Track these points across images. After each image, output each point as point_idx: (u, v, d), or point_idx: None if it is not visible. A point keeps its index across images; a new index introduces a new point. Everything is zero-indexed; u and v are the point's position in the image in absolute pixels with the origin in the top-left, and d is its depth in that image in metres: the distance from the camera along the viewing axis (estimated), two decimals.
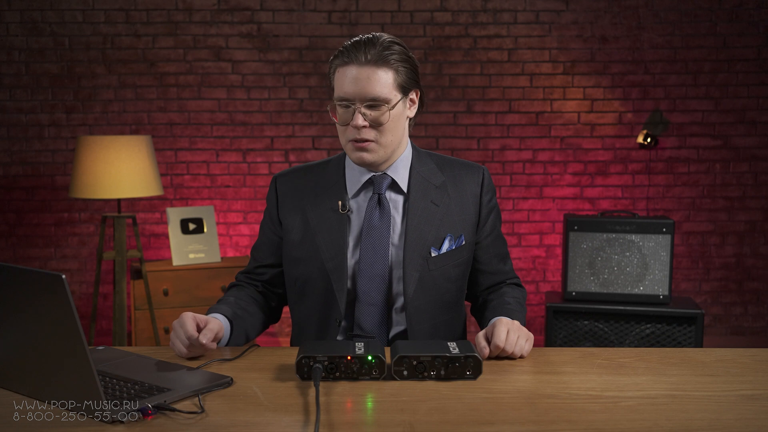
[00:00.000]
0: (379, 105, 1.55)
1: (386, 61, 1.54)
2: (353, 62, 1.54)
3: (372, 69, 1.53)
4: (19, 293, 1.16)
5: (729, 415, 1.17)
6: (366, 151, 1.59)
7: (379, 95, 1.54)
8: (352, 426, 1.13)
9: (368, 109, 1.55)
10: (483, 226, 1.72)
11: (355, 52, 1.54)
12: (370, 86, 1.53)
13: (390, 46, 1.56)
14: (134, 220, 3.41)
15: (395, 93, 1.57)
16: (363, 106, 1.55)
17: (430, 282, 1.64)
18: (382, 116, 1.56)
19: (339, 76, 1.57)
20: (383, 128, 1.57)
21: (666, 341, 3.23)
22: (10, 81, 4.09)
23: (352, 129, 1.57)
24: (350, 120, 1.57)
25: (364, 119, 1.55)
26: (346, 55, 1.55)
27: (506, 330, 1.45)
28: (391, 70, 1.55)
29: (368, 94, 1.54)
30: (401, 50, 1.58)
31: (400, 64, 1.57)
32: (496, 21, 4.13)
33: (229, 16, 4.11)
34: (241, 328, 1.61)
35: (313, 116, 4.17)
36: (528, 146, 4.20)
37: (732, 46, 4.12)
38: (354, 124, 1.55)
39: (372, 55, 1.53)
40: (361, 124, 1.55)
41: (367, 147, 1.58)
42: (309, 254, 1.65)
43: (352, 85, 1.54)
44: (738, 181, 4.20)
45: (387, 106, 1.56)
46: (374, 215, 1.64)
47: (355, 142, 1.58)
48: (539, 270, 4.26)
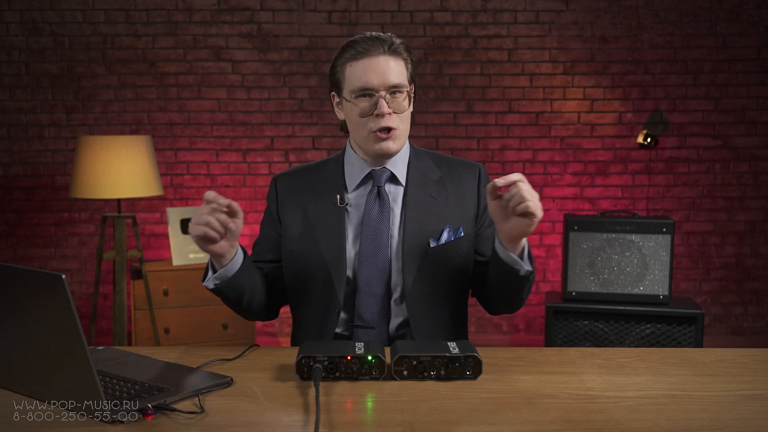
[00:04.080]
0: (400, 92, 1.61)
1: (399, 52, 1.61)
2: (369, 53, 1.59)
3: (390, 58, 1.60)
4: (19, 293, 1.16)
5: (729, 415, 1.17)
6: (392, 140, 1.62)
7: (400, 82, 1.60)
8: (352, 426, 1.13)
9: (391, 96, 1.60)
10: (482, 217, 1.74)
11: (368, 45, 1.59)
12: (391, 74, 1.59)
13: (398, 41, 1.63)
14: (134, 220, 3.41)
15: (407, 83, 1.64)
16: (387, 93, 1.59)
17: (429, 273, 1.65)
18: (403, 102, 1.62)
19: (354, 69, 1.60)
20: (403, 116, 1.63)
21: (666, 341, 3.23)
22: (10, 81, 4.09)
23: (375, 118, 1.60)
24: (373, 109, 1.59)
25: (388, 106, 1.59)
26: (359, 47, 1.59)
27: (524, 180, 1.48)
28: (403, 61, 1.63)
29: (390, 81, 1.59)
30: (407, 45, 1.66)
31: (408, 56, 1.65)
32: (496, 21, 4.13)
33: (229, 16, 4.11)
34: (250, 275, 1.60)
35: (313, 116, 4.17)
36: (528, 146, 4.20)
37: (732, 46, 4.12)
38: (380, 111, 1.58)
39: (386, 47, 1.60)
40: (387, 111, 1.59)
41: (393, 136, 1.62)
42: (308, 248, 1.67)
43: (373, 74, 1.58)
44: (738, 181, 4.20)
45: (405, 93, 1.62)
46: (374, 207, 1.66)
47: (380, 132, 1.60)
48: (539, 270, 4.26)
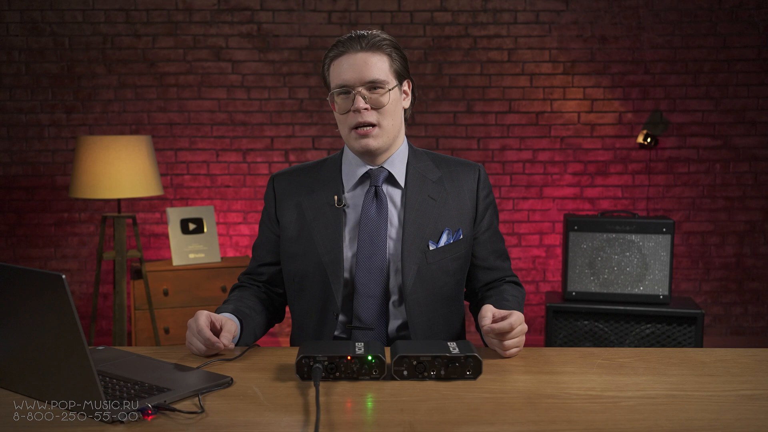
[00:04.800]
0: (378, 87, 1.59)
1: (380, 47, 1.60)
2: (348, 51, 1.59)
3: (368, 54, 1.59)
4: (19, 293, 1.16)
5: (729, 415, 1.17)
6: (370, 137, 1.61)
7: (377, 77, 1.59)
8: (352, 426, 1.13)
9: (368, 91, 1.59)
10: (480, 222, 1.73)
11: (349, 43, 1.60)
12: (367, 70, 1.58)
13: (381, 36, 1.62)
14: (134, 220, 3.41)
15: (391, 78, 1.62)
16: (363, 89, 1.58)
17: (429, 275, 1.65)
18: (382, 97, 1.60)
19: (335, 67, 1.61)
20: (384, 110, 1.61)
21: (666, 341, 3.23)
22: (10, 81, 4.09)
23: (353, 114, 1.60)
24: (350, 106, 1.59)
25: (364, 102, 1.58)
26: (340, 47, 1.60)
27: (521, 325, 1.46)
28: (386, 56, 1.61)
29: (366, 77, 1.58)
30: (391, 41, 1.64)
31: (393, 50, 1.63)
32: (496, 21, 4.13)
33: (229, 16, 4.11)
34: (249, 327, 1.62)
35: (313, 116, 4.17)
36: (528, 146, 4.20)
37: (732, 46, 4.12)
38: (355, 107, 1.58)
39: (365, 43, 1.59)
40: (363, 107, 1.58)
41: (370, 133, 1.61)
42: (306, 249, 1.66)
43: (349, 71, 1.58)
44: (738, 181, 4.20)
45: (385, 88, 1.60)
46: (371, 208, 1.65)
47: (357, 128, 1.60)
48: (539, 270, 4.26)
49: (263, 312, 1.72)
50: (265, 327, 1.73)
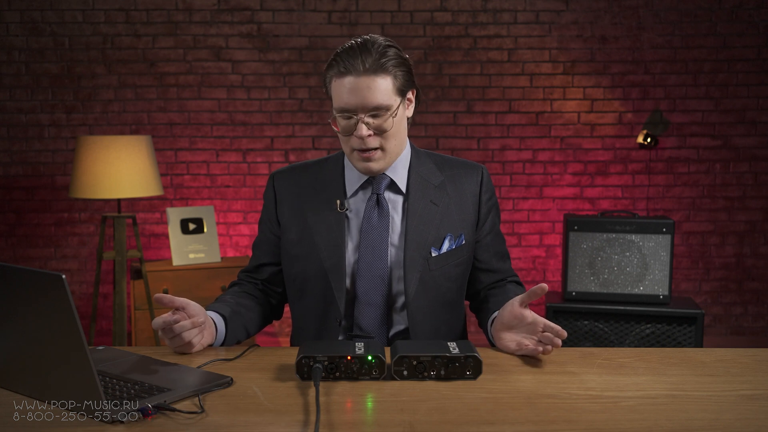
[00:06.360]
0: (382, 113, 1.53)
1: (384, 68, 1.51)
2: (350, 72, 1.51)
3: (371, 78, 1.51)
4: (19, 293, 1.16)
5: (729, 415, 1.17)
6: (372, 161, 1.58)
7: (381, 103, 1.52)
8: (352, 426, 1.13)
9: (371, 117, 1.54)
10: (482, 225, 1.72)
11: (351, 61, 1.50)
12: (371, 95, 1.51)
13: (385, 52, 1.52)
14: (134, 220, 3.41)
15: (395, 98, 1.55)
16: (366, 116, 1.53)
17: (431, 282, 1.63)
18: (385, 123, 1.54)
19: (336, 87, 1.54)
20: (387, 135, 1.56)
21: (666, 341, 3.23)
22: (10, 81, 4.09)
23: (356, 139, 1.55)
24: (353, 130, 1.54)
25: (368, 129, 1.54)
26: (341, 65, 1.51)
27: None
28: (390, 76, 1.53)
29: (370, 103, 1.51)
30: (396, 53, 1.55)
31: (397, 69, 1.54)
32: (496, 21, 4.13)
33: (229, 16, 4.11)
34: (239, 324, 1.61)
35: (313, 116, 4.17)
36: (528, 146, 4.20)
37: (732, 46, 4.12)
38: (358, 134, 1.53)
39: (369, 64, 1.50)
40: (366, 134, 1.53)
41: (373, 156, 1.57)
42: (307, 253, 1.65)
43: (352, 96, 1.51)
44: (738, 181, 4.20)
45: (389, 112, 1.54)
46: (373, 215, 1.63)
47: (361, 152, 1.57)
48: (539, 270, 4.26)
49: (256, 309, 1.71)
50: (260, 324, 1.72)
